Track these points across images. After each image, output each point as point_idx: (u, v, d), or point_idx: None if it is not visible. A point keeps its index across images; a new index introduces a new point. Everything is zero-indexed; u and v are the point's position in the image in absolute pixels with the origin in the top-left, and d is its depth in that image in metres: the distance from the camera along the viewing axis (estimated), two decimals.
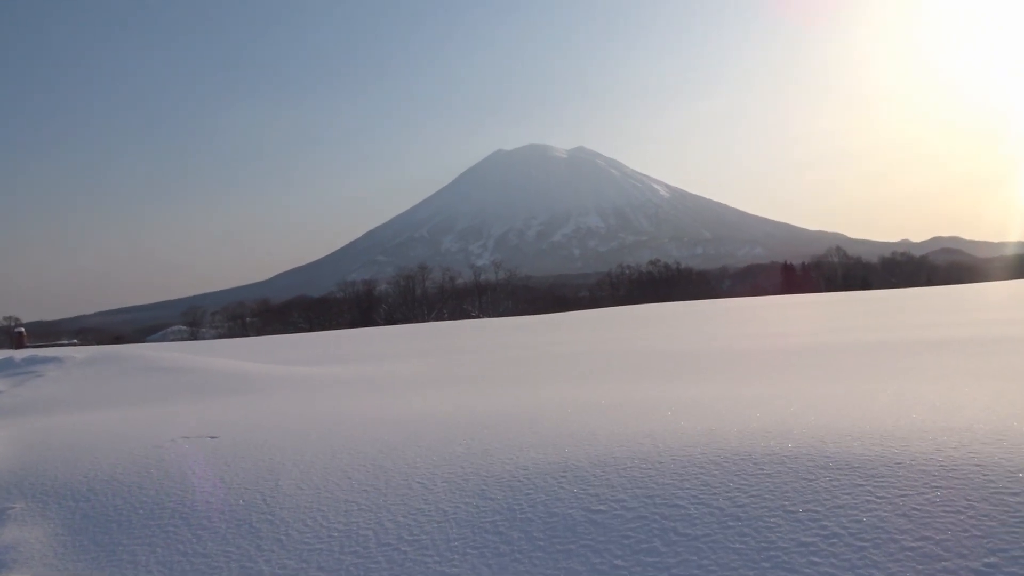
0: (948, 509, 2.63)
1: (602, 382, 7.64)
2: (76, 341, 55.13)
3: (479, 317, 63.52)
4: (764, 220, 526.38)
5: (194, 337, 74.32)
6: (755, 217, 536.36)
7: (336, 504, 3.55)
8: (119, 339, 66.67)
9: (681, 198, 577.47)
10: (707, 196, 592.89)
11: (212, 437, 5.17)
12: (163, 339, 73.48)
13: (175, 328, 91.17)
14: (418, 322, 58.11)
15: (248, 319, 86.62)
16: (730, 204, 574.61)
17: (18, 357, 13.13)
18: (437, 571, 2.84)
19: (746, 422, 4.04)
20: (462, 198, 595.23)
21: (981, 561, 2.33)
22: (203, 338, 69.06)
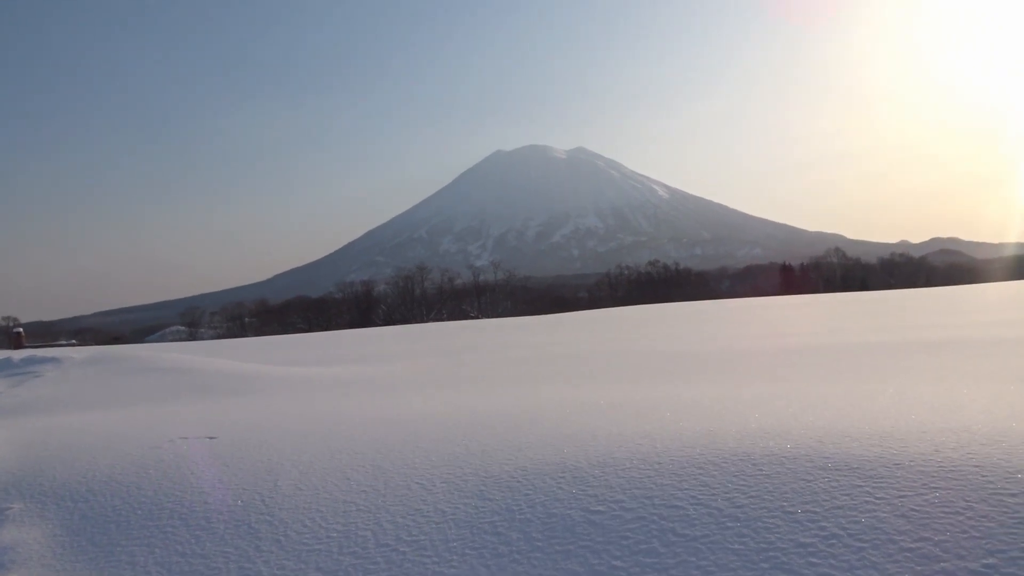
0: (947, 510, 2.63)
1: (601, 383, 7.64)
2: (74, 341, 55.07)
3: (478, 318, 63.52)
4: (763, 221, 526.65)
5: (193, 338, 74.31)
6: (754, 218, 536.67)
7: (335, 505, 3.55)
8: (118, 339, 66.66)
9: (680, 199, 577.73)
10: (706, 197, 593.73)
11: (211, 438, 5.17)
12: (161, 339, 73.45)
13: (173, 328, 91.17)
14: (417, 323, 58.11)
15: (247, 320, 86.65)
16: (729, 205, 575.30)
17: (16, 357, 13.13)
18: (436, 572, 2.84)
19: (745, 423, 4.04)
20: (461, 199, 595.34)
21: (979, 562, 2.33)
22: (202, 338, 69.05)
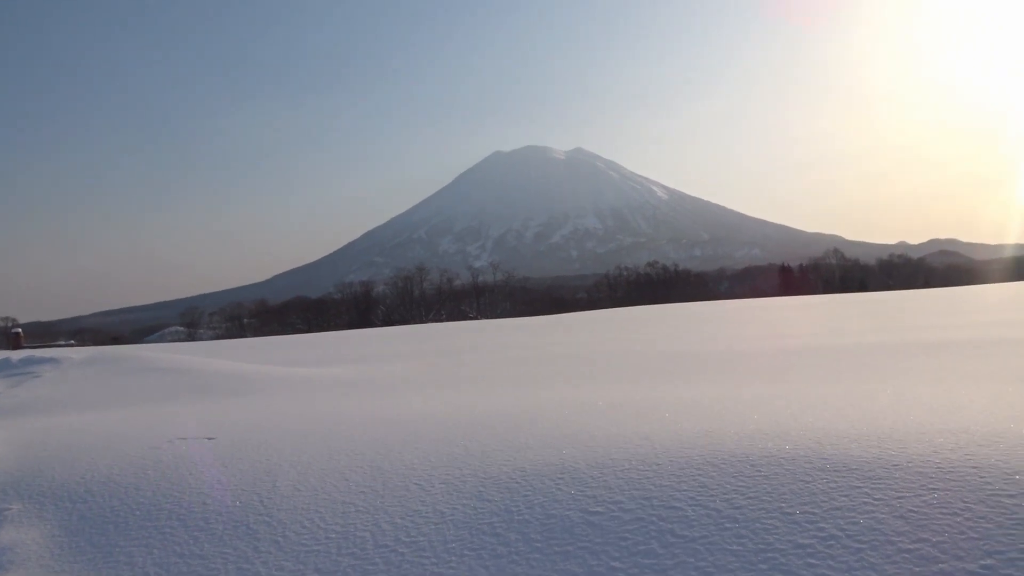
0: (945, 511, 2.63)
1: (601, 383, 7.64)
2: (73, 342, 55.03)
3: (477, 318, 63.52)
4: (762, 222, 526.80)
5: (192, 338, 74.26)
6: (753, 219, 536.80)
7: (333, 506, 3.55)
8: (117, 340, 66.63)
9: (679, 200, 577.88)
10: (705, 198, 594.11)
11: (210, 438, 5.17)
12: (161, 340, 73.43)
13: (173, 329, 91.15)
14: (416, 323, 58.10)
15: (246, 320, 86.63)
16: (728, 206, 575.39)
17: (15, 358, 13.12)
18: (434, 573, 2.84)
19: (744, 424, 4.04)
20: (460, 199, 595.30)
21: (978, 563, 2.34)
22: (201, 339, 69.01)
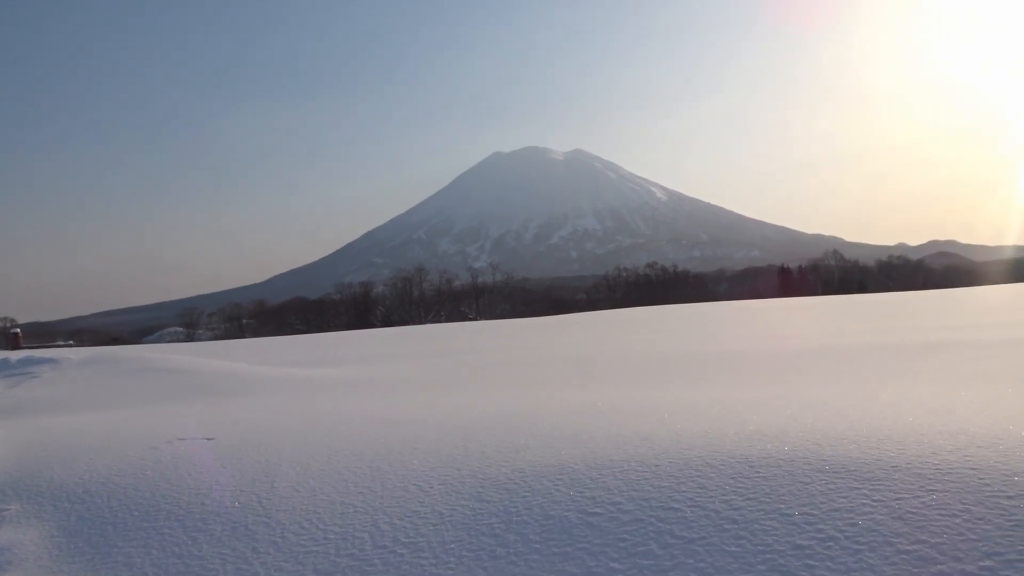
0: (944, 512, 2.63)
1: (599, 384, 7.64)
2: (72, 342, 55.01)
3: (476, 319, 63.51)
4: (761, 223, 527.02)
5: (190, 338, 74.20)
6: (752, 220, 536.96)
7: (332, 506, 3.55)
8: (115, 340, 66.55)
9: (678, 201, 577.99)
10: (704, 199, 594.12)
11: (208, 439, 5.16)
12: (159, 340, 73.38)
13: (171, 329, 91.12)
14: (415, 324, 58.09)
15: (245, 321, 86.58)
16: (727, 207, 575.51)
17: (14, 358, 13.11)
18: (433, 574, 2.84)
19: (743, 425, 4.04)
20: (460, 200, 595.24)
21: (976, 564, 2.34)
22: (199, 339, 68.95)
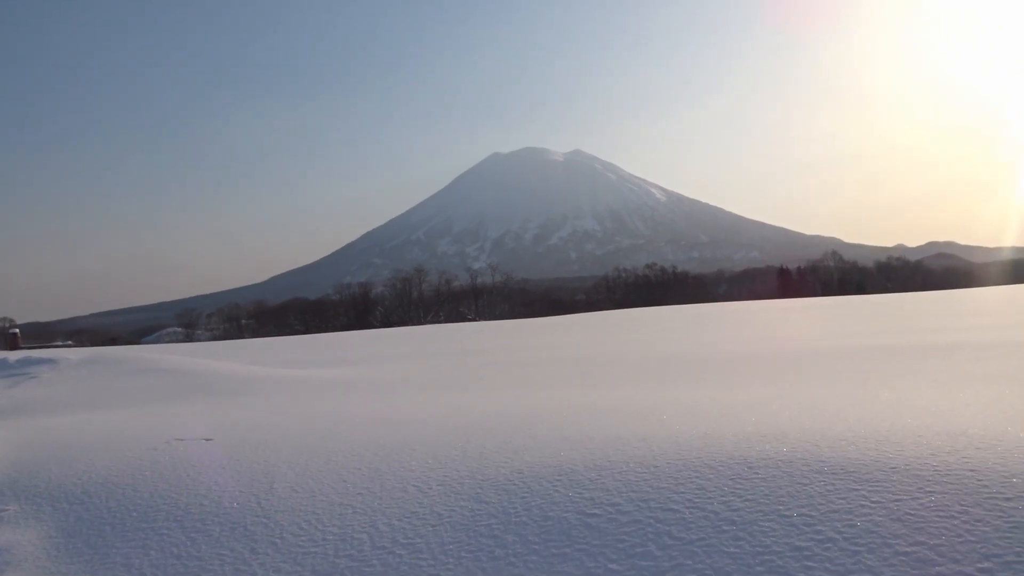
0: (942, 514, 2.63)
1: (597, 385, 7.64)
2: (71, 342, 55.02)
3: (475, 320, 63.51)
4: (760, 224, 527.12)
5: (189, 339, 74.14)
6: (751, 221, 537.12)
7: (331, 507, 3.55)
8: (114, 340, 66.49)
9: (677, 202, 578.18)
10: (704, 200, 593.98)
11: (207, 439, 5.16)
12: (158, 341, 73.33)
13: (170, 330, 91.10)
14: (414, 325, 58.08)
15: (244, 321, 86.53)
16: (726, 208, 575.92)
17: (12, 358, 13.10)
18: (431, 574, 2.84)
19: (741, 426, 4.05)
20: (459, 201, 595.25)
21: (975, 566, 2.34)
22: (198, 340, 68.90)
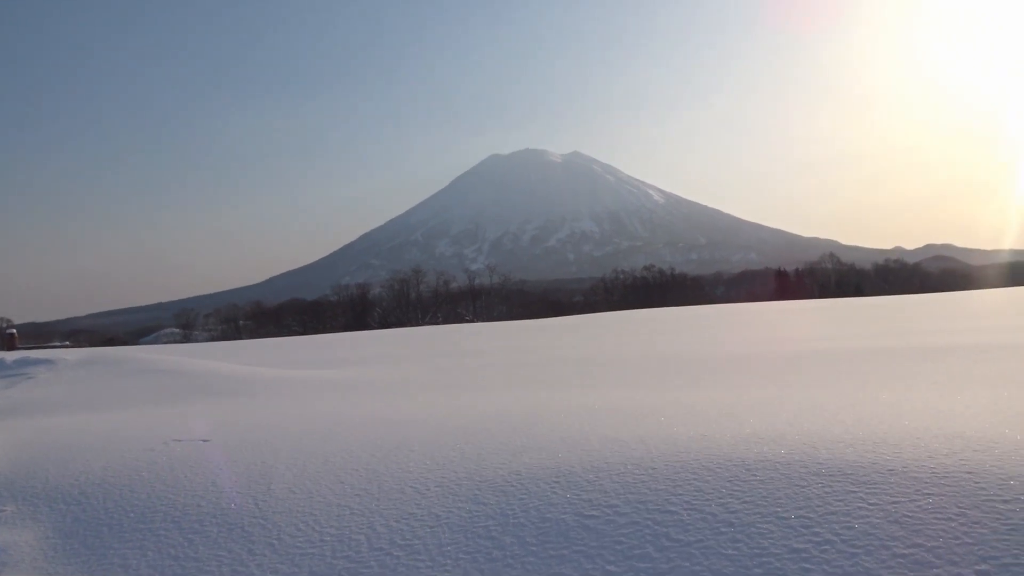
0: (939, 516, 2.64)
1: (596, 387, 7.64)
2: (68, 343, 54.94)
3: (473, 321, 63.50)
4: (758, 226, 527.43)
5: (187, 339, 74.05)
6: (749, 223, 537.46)
7: (328, 508, 3.55)
8: (111, 341, 66.39)
9: (676, 203, 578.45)
10: (702, 202, 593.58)
11: (204, 440, 5.16)
12: (156, 341, 73.26)
13: (168, 331, 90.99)
14: (412, 326, 58.05)
15: (241, 322, 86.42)
16: (724, 210, 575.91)
17: (9, 359, 13.08)
18: None
19: (739, 428, 4.05)
20: (457, 202, 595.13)
21: (972, 568, 2.34)
22: (196, 340, 68.83)
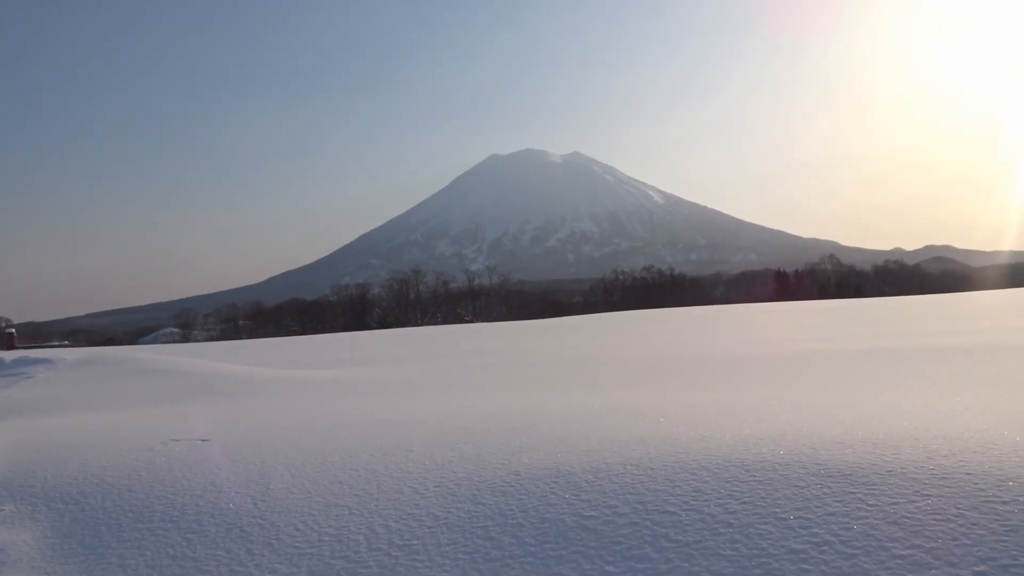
0: (938, 517, 2.64)
1: (595, 387, 7.64)
2: (67, 343, 54.92)
3: (473, 322, 63.50)
4: (758, 227, 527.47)
5: (186, 339, 74.02)
6: (749, 224, 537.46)
7: (327, 508, 3.54)
8: (110, 341, 66.36)
9: (675, 204, 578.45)
10: (701, 203, 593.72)
11: (203, 440, 5.15)
12: (155, 341, 73.23)
13: (167, 330, 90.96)
14: (412, 326, 58.04)
15: (240, 322, 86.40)
16: (724, 211, 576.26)
17: (8, 358, 13.07)
18: None
19: (738, 428, 4.05)
20: (457, 202, 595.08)
21: (971, 569, 2.34)
22: (195, 340, 68.80)
